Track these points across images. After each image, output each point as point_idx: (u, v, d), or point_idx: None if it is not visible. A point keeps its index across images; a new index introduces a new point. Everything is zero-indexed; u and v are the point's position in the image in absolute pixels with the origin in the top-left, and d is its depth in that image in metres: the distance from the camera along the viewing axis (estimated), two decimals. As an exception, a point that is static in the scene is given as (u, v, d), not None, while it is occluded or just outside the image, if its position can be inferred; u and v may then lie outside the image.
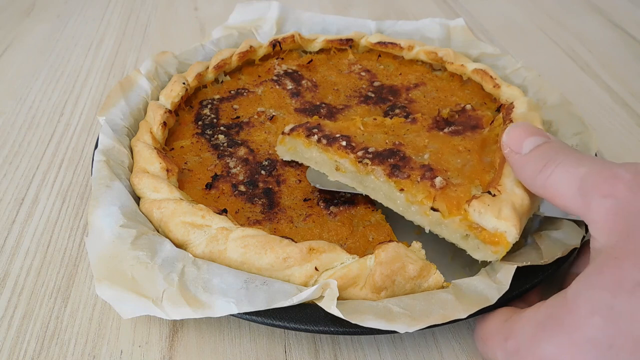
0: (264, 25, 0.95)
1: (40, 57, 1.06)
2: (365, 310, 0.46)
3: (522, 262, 0.51)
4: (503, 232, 0.49)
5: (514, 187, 0.52)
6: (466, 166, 0.57)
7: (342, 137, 0.61)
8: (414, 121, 0.65)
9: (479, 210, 0.50)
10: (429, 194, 0.54)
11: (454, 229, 0.53)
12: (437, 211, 0.53)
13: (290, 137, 0.65)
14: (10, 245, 0.64)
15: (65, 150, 0.81)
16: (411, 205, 0.56)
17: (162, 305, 0.47)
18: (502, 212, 0.49)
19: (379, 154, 0.59)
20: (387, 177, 0.56)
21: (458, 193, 0.53)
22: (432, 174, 0.55)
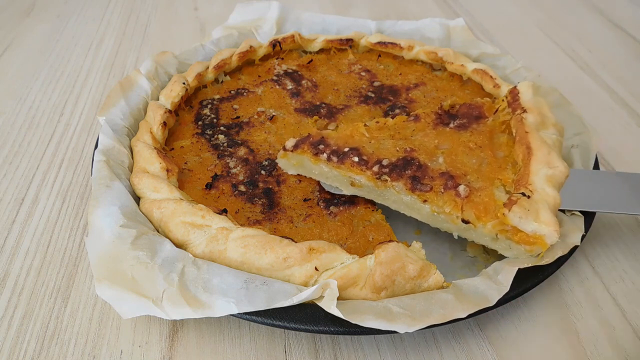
0: (264, 25, 0.95)
1: (40, 57, 1.06)
2: (365, 310, 0.46)
3: (524, 264, 0.51)
4: (542, 235, 0.50)
5: (545, 186, 0.52)
6: (482, 165, 0.57)
7: (352, 150, 0.60)
8: (417, 118, 0.65)
9: (519, 215, 0.50)
10: (456, 204, 0.54)
11: (483, 233, 0.54)
12: (468, 222, 0.53)
13: (296, 153, 0.63)
14: (10, 245, 0.64)
15: (65, 150, 0.81)
16: (438, 215, 0.56)
17: (162, 305, 0.47)
18: (541, 215, 0.50)
19: (395, 166, 0.58)
20: (409, 191, 0.56)
21: (483, 198, 0.54)
22: (454, 182, 0.55)
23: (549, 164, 0.54)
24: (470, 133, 0.62)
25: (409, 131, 0.63)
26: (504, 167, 0.57)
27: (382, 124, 0.65)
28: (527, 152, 0.55)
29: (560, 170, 0.54)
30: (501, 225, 0.52)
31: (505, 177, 0.56)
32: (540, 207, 0.50)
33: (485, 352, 0.52)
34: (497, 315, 0.55)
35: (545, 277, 0.53)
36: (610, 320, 0.55)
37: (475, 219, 0.53)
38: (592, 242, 0.64)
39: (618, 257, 0.62)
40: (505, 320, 0.55)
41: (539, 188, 0.52)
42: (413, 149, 0.60)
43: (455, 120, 0.64)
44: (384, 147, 0.61)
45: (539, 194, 0.51)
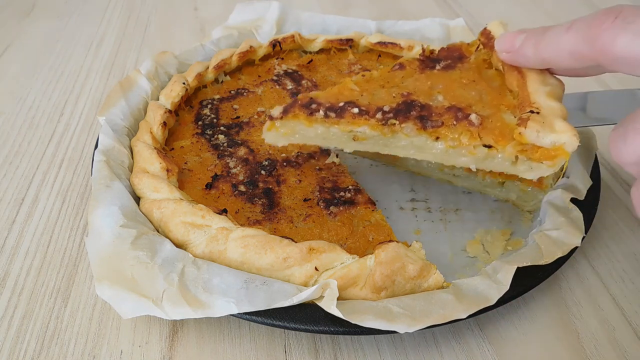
0: (264, 25, 0.95)
1: (40, 57, 1.06)
2: (365, 310, 0.46)
3: (523, 263, 0.51)
4: (562, 144, 0.49)
5: (548, 101, 0.52)
6: (483, 95, 0.57)
7: (348, 104, 0.57)
8: (402, 67, 0.64)
9: (536, 129, 0.49)
10: (471, 133, 0.53)
11: (503, 158, 0.53)
12: (491, 147, 0.52)
13: (285, 120, 0.59)
14: (10, 245, 0.64)
15: (65, 150, 0.81)
16: (454, 149, 0.54)
17: (162, 305, 0.47)
18: (556, 125, 0.49)
19: (397, 110, 0.56)
20: (420, 130, 0.54)
21: (495, 123, 0.53)
22: (463, 113, 0.54)
23: (544, 82, 0.54)
24: (459, 71, 0.61)
25: (397, 79, 0.62)
26: (503, 94, 0.57)
27: (368, 76, 0.63)
28: (520, 77, 0.54)
29: (556, 84, 0.54)
30: (520, 145, 0.51)
31: (508, 103, 0.55)
32: (552, 118, 0.50)
33: (485, 352, 0.52)
34: (497, 315, 0.55)
35: (545, 277, 0.53)
36: (610, 320, 0.55)
37: (496, 144, 0.52)
38: (592, 242, 0.64)
39: (618, 257, 0.62)
40: (505, 320, 0.55)
41: (543, 104, 0.51)
42: (409, 92, 0.58)
43: (440, 63, 0.63)
44: (378, 97, 0.59)
45: (545, 109, 0.51)
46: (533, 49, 0.50)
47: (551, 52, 0.48)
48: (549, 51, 0.48)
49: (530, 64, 0.53)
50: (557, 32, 0.46)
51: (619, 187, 0.73)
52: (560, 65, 0.49)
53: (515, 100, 0.55)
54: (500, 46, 0.55)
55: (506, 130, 0.52)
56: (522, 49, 0.52)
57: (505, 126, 0.53)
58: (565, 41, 0.45)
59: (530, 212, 0.67)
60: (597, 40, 0.41)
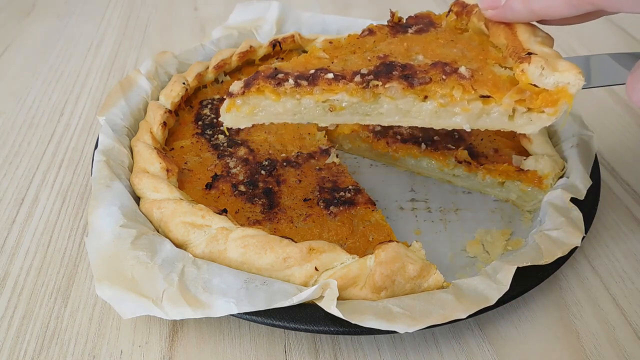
0: (264, 25, 0.95)
1: (40, 57, 1.06)
2: (365, 311, 0.46)
3: (523, 263, 0.51)
4: (565, 85, 0.46)
5: (541, 48, 0.50)
6: (465, 52, 0.54)
7: (319, 70, 0.51)
8: (372, 32, 0.60)
9: (541, 65, 0.46)
10: (464, 86, 0.49)
11: (500, 111, 0.49)
12: (488, 97, 0.48)
13: (248, 96, 0.52)
14: (10, 245, 0.64)
15: (65, 150, 0.81)
16: (445, 108, 0.50)
17: (162, 305, 0.47)
18: (559, 64, 0.47)
19: (377, 72, 0.51)
20: (407, 89, 0.50)
21: (486, 75, 0.50)
22: (451, 67, 0.50)
23: (535, 34, 0.52)
24: (434, 33, 0.59)
25: (369, 44, 0.58)
26: (487, 49, 0.54)
27: (336, 43, 0.58)
28: (508, 29, 0.52)
29: (546, 37, 0.52)
30: (519, 93, 0.48)
31: (495, 56, 0.53)
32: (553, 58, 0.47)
33: (485, 352, 0.52)
34: (497, 315, 0.55)
35: (545, 277, 0.53)
36: (610, 320, 0.55)
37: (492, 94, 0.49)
38: (592, 242, 0.64)
39: (618, 257, 0.62)
40: (505, 320, 0.55)
41: (538, 50, 0.49)
42: (386, 54, 0.54)
43: (412, 27, 0.61)
44: (351, 62, 0.53)
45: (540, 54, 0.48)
46: (522, 2, 0.48)
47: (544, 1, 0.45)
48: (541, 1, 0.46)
49: (519, 17, 0.50)
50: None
51: (619, 187, 0.73)
52: (554, 14, 0.46)
53: (500, 54, 0.52)
54: (484, 3, 0.52)
55: (499, 81, 0.49)
56: (510, 2, 0.49)
57: (497, 78, 0.49)
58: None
59: (530, 212, 0.67)
60: None
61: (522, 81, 0.47)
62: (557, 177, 0.65)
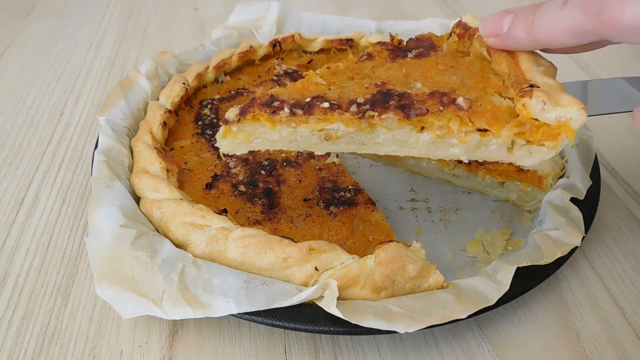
0: (264, 25, 0.95)
1: (40, 57, 1.06)
2: (365, 311, 0.46)
3: (523, 263, 0.51)
4: (567, 120, 0.45)
5: (545, 79, 0.48)
6: (465, 79, 0.52)
7: (315, 99, 0.51)
8: (371, 57, 0.58)
9: (542, 100, 0.45)
10: (461, 118, 0.48)
11: (498, 144, 0.48)
12: (485, 131, 0.47)
13: (243, 123, 0.51)
14: (10, 245, 0.64)
15: (65, 150, 0.81)
16: (443, 139, 0.49)
17: (162, 305, 0.47)
18: (562, 98, 0.45)
19: (374, 101, 0.49)
20: (403, 120, 0.48)
21: (485, 106, 0.48)
22: (449, 98, 0.49)
23: (537, 63, 0.51)
24: (434, 58, 0.57)
25: (367, 69, 0.56)
26: (487, 77, 0.52)
27: (334, 68, 0.57)
28: (510, 57, 0.50)
29: (549, 66, 0.51)
30: (518, 126, 0.46)
31: (495, 85, 0.51)
32: (555, 93, 0.46)
33: (485, 352, 0.52)
34: (497, 315, 0.55)
35: (545, 277, 0.53)
36: (610, 320, 0.55)
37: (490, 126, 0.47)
38: (592, 242, 0.64)
39: (618, 257, 0.62)
40: (505, 320, 0.55)
41: (540, 81, 0.47)
42: (384, 82, 0.53)
43: (412, 51, 0.59)
44: (349, 89, 0.52)
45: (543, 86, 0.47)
46: (525, 30, 0.46)
47: (547, 31, 0.44)
48: (545, 30, 0.44)
49: (522, 46, 0.49)
50: (552, 9, 0.43)
51: (619, 187, 0.73)
52: (557, 43, 0.45)
53: (501, 82, 0.51)
54: (486, 30, 0.50)
55: (498, 112, 0.47)
56: (512, 31, 0.48)
57: (497, 109, 0.48)
58: (563, 18, 0.42)
59: (530, 212, 0.67)
60: (602, 12, 0.38)
61: (523, 115, 0.46)
62: (557, 177, 0.65)
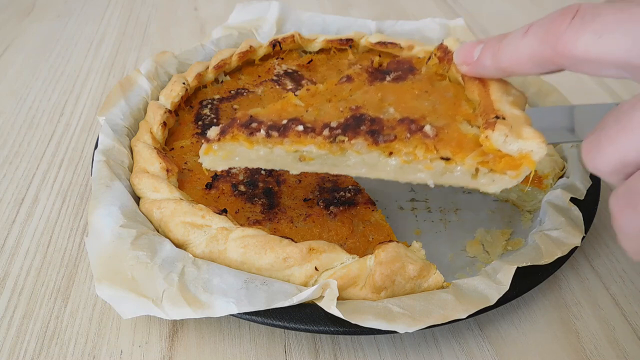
0: (264, 25, 0.95)
1: (40, 57, 1.06)
2: (365, 311, 0.46)
3: (523, 263, 0.51)
4: (529, 152, 0.46)
5: (512, 109, 0.49)
6: (436, 105, 0.53)
7: (291, 121, 0.52)
8: (350, 79, 0.60)
9: (504, 133, 0.46)
10: (427, 146, 0.49)
11: (463, 171, 0.49)
12: (449, 159, 0.49)
13: (224, 142, 0.54)
14: (10, 245, 0.64)
15: (65, 150, 0.81)
16: (409, 165, 0.51)
17: (162, 305, 0.47)
18: (524, 131, 0.46)
19: (346, 125, 0.51)
20: (372, 145, 0.50)
21: (451, 134, 0.50)
22: (417, 125, 0.50)
23: (507, 92, 0.52)
24: (411, 82, 0.58)
25: (345, 92, 0.58)
26: (459, 104, 0.53)
27: (313, 90, 0.58)
28: (481, 86, 0.52)
29: (519, 96, 0.52)
30: (481, 155, 0.48)
31: (464, 113, 0.52)
32: (519, 125, 0.47)
33: (485, 352, 0.52)
34: (497, 315, 0.56)
35: (545, 277, 0.53)
36: (610, 320, 0.55)
37: (454, 156, 0.49)
38: (592, 242, 0.64)
39: (618, 257, 0.62)
40: (505, 320, 0.55)
41: (507, 112, 0.49)
42: (358, 106, 0.54)
43: (390, 74, 0.60)
44: (325, 112, 0.54)
45: (509, 117, 0.48)
46: (491, 59, 0.48)
47: (510, 59, 0.46)
48: (507, 59, 0.46)
49: (490, 74, 0.50)
50: (514, 38, 0.44)
51: (619, 187, 0.72)
52: (520, 71, 0.46)
53: (472, 110, 0.52)
54: (458, 59, 0.52)
55: (464, 140, 0.49)
56: (481, 59, 0.49)
57: (463, 137, 0.50)
58: (523, 46, 0.43)
59: (530, 212, 0.67)
60: (557, 42, 0.39)
61: (486, 145, 0.47)
62: (557, 177, 0.65)
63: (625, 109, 0.35)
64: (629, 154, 0.34)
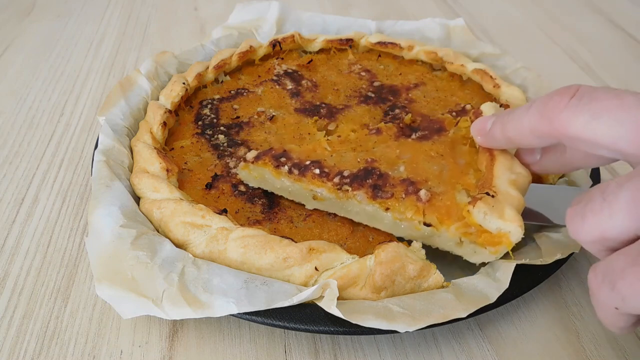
0: (264, 25, 0.95)
1: (40, 57, 1.06)
2: (365, 310, 0.46)
3: (521, 260, 0.51)
4: (507, 233, 0.49)
5: (508, 188, 0.51)
6: (444, 171, 0.57)
7: (313, 163, 0.59)
8: (379, 132, 0.64)
9: (484, 211, 0.49)
10: (417, 209, 0.53)
11: (447, 237, 0.53)
12: (430, 226, 0.53)
13: (257, 165, 0.61)
14: (10, 245, 0.64)
15: (65, 150, 0.81)
16: (400, 222, 0.55)
17: (162, 305, 0.47)
18: (506, 212, 0.49)
19: (356, 176, 0.57)
20: (371, 199, 0.55)
21: (444, 202, 0.53)
22: (415, 187, 0.54)
23: (512, 170, 0.54)
24: (432, 143, 0.62)
25: (370, 143, 0.63)
26: (466, 172, 0.57)
27: (344, 137, 0.64)
28: (490, 159, 0.54)
29: (523, 176, 0.54)
30: (465, 227, 0.51)
31: (467, 182, 0.55)
32: (504, 206, 0.50)
33: (485, 352, 0.52)
34: (497, 315, 0.56)
35: (545, 277, 0.53)
36: (610, 320, 0.55)
37: (438, 223, 0.52)
38: (592, 242, 0.64)
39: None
40: (505, 320, 0.55)
41: (502, 190, 0.51)
42: (374, 159, 0.59)
43: (417, 132, 0.64)
44: (345, 159, 0.60)
45: (502, 195, 0.51)
46: (500, 130, 0.51)
47: (514, 131, 0.48)
48: (512, 130, 0.49)
49: (500, 144, 0.54)
50: (520, 112, 0.47)
51: (619, 187, 0.72)
52: (524, 143, 0.49)
53: (475, 180, 0.55)
54: (474, 130, 0.56)
55: (454, 209, 0.52)
56: (492, 131, 0.53)
57: (455, 206, 0.53)
58: (526, 120, 0.46)
59: (530, 212, 0.67)
60: (555, 120, 0.42)
61: (469, 219, 0.50)
62: (557, 177, 0.65)
63: (613, 187, 0.36)
64: (610, 231, 0.36)
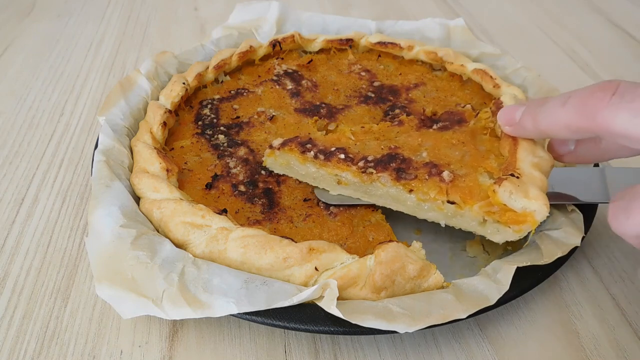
0: (264, 25, 0.95)
1: (40, 57, 1.06)
2: (365, 310, 0.46)
3: (523, 262, 0.51)
4: (532, 212, 0.50)
5: (532, 170, 0.53)
6: (465, 156, 0.58)
7: (338, 149, 0.61)
8: (401, 123, 0.66)
9: (510, 189, 0.50)
10: (440, 189, 0.55)
11: (471, 217, 0.54)
12: (454, 204, 0.54)
13: (282, 151, 0.63)
14: (10, 245, 0.64)
15: (65, 150, 0.81)
16: (424, 203, 0.56)
17: (162, 305, 0.47)
18: (531, 191, 0.50)
19: (379, 160, 0.59)
20: (395, 181, 0.57)
21: (467, 182, 0.55)
22: (438, 169, 0.56)
23: (534, 153, 0.55)
24: (453, 132, 0.63)
25: (393, 134, 0.65)
26: (487, 157, 0.58)
27: (367, 128, 0.66)
28: (512, 144, 0.56)
29: (545, 159, 0.55)
30: (488, 206, 0.52)
31: (489, 165, 0.57)
32: (529, 185, 0.51)
33: (485, 352, 0.52)
34: (497, 315, 0.56)
35: (545, 277, 0.53)
36: (610, 320, 0.55)
37: (461, 201, 0.54)
38: (592, 242, 0.64)
39: (618, 257, 0.62)
40: (505, 320, 0.55)
41: (526, 171, 0.53)
42: (397, 146, 0.61)
43: (438, 123, 0.66)
44: (368, 147, 0.62)
45: (527, 177, 0.52)
46: (532, 122, 0.52)
47: (547, 124, 0.49)
48: (546, 124, 0.49)
49: (529, 135, 0.55)
50: (553, 106, 0.47)
51: (619, 187, 0.73)
52: (557, 135, 0.51)
53: (497, 164, 0.57)
54: (502, 120, 0.57)
55: (476, 190, 0.54)
56: (522, 122, 0.53)
57: (477, 186, 0.54)
58: (561, 115, 0.46)
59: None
60: (597, 116, 0.42)
61: (494, 198, 0.52)
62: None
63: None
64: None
